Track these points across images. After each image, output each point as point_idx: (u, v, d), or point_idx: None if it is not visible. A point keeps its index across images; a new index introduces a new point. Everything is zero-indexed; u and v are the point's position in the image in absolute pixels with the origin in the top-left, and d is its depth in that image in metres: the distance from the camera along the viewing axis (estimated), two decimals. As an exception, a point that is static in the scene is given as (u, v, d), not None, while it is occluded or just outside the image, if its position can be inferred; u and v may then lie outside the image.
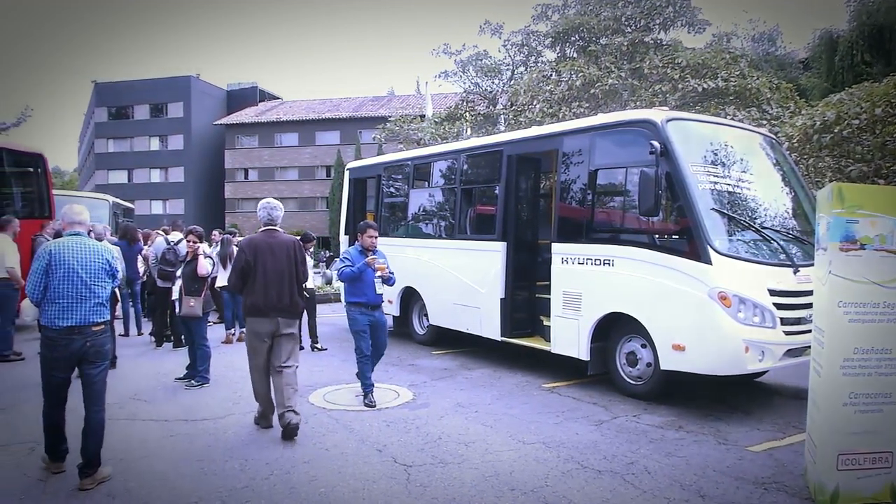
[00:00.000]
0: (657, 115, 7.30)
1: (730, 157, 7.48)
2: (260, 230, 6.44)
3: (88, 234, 5.32)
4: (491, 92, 25.83)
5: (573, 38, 22.93)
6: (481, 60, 25.48)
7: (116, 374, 8.52)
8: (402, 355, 9.97)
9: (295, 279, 6.22)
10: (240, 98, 58.43)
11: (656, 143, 6.79)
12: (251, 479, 4.98)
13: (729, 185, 7.21)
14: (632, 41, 20.57)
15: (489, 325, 9.17)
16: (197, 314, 8.07)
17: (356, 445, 5.75)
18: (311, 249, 11.40)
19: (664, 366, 6.87)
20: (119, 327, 10.80)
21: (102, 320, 5.01)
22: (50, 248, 4.93)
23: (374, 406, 6.99)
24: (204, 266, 8.16)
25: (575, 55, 22.72)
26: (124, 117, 56.60)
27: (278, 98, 60.73)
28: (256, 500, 4.58)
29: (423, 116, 27.12)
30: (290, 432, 5.90)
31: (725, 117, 14.36)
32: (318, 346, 10.54)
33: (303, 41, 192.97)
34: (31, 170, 13.26)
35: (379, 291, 7.22)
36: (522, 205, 9.32)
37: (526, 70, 25.01)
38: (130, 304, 12.07)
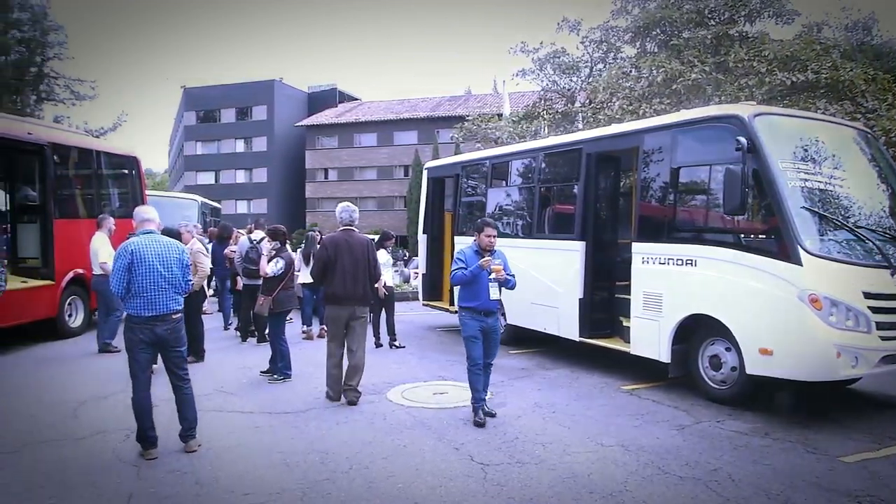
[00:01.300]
0: (744, 109, 7.07)
1: (821, 153, 7.16)
2: (339, 229, 7.30)
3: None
4: (569, 90, 25.47)
5: (654, 33, 22.37)
6: (559, 58, 25.13)
7: (204, 367, 8.88)
8: (478, 354, 9.97)
9: (368, 273, 7.21)
10: (320, 100, 59.69)
11: (743, 139, 6.57)
12: (331, 472, 5.09)
13: (821, 182, 6.90)
14: (716, 34, 19.90)
15: (567, 325, 9.08)
16: (262, 313, 8.38)
17: (433, 443, 5.79)
18: (391, 248, 11.58)
19: (750, 370, 6.63)
20: (208, 321, 11.20)
21: (179, 308, 5.57)
22: (131, 248, 5.39)
23: (483, 425, 6.27)
24: (262, 267, 8.43)
25: (656, 50, 22.18)
26: (211, 121, 58.90)
27: (357, 99, 61.74)
28: (336, 494, 4.68)
29: (500, 115, 27.02)
30: (350, 404, 7.09)
31: (816, 111, 13.74)
32: (396, 342, 10.70)
33: (380, 42, 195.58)
34: (127, 171, 13.96)
35: (494, 297, 6.52)
36: (602, 203, 9.18)
37: (605, 67, 24.56)
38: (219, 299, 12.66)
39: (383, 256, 11.14)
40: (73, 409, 6.89)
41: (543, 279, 9.45)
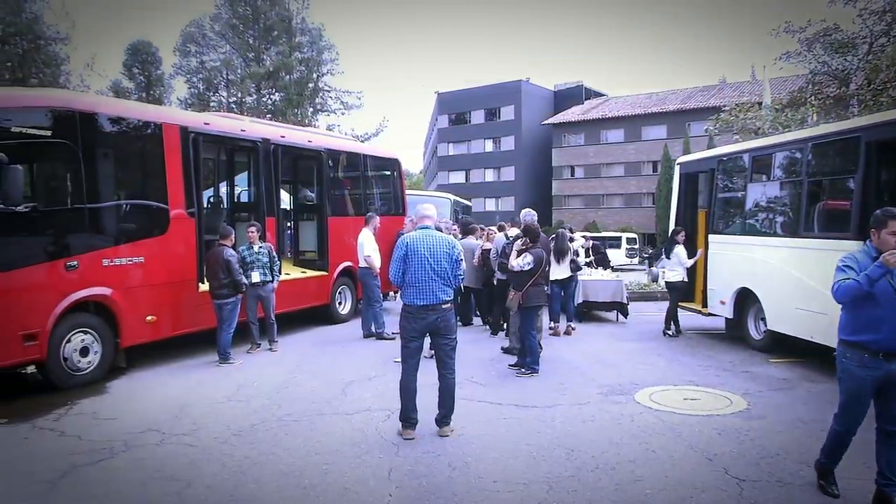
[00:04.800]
0: None
1: None
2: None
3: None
4: (843, 70, 22.78)
5: (955, -4, 19.24)
6: (830, 35, 22.53)
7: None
8: (734, 360, 9.37)
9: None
10: (566, 97, 59.89)
11: None
12: (577, 469, 5.10)
13: None
14: None
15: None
16: (511, 307, 8.63)
17: (684, 451, 5.55)
18: (683, 241, 11.59)
19: None
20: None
21: (449, 298, 5.93)
22: (406, 241, 5.92)
23: None
24: (510, 261, 8.61)
25: (957, 17, 19.04)
26: (462, 123, 61.90)
27: (603, 95, 60.92)
28: (582, 492, 4.68)
29: (759, 104, 25.02)
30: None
31: None
32: (670, 332, 11.49)
33: (628, 37, 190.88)
34: (388, 172, 15.13)
35: None
36: (885, 198, 8.10)
37: (889, 41, 21.60)
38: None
39: (681, 251, 11.36)
40: (342, 387, 7.67)
41: (810, 282, 8.59)
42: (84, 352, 7.85)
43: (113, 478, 4.99)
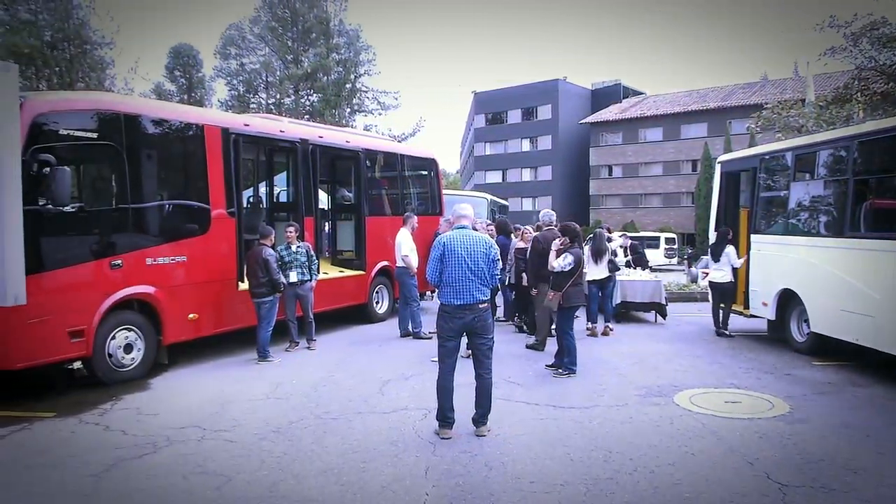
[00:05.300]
0: None
1: None
2: (546, 228, 9.57)
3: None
4: (891, 66, 22.17)
5: None
6: (878, 29, 21.89)
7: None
8: (777, 363, 9.19)
9: None
10: (604, 96, 59.35)
11: None
12: (615, 471, 5.05)
13: None
14: None
15: (886, 337, 7.94)
16: (549, 307, 8.63)
17: (724, 454, 5.46)
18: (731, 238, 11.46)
19: None
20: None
21: (486, 298, 5.93)
22: (443, 240, 5.94)
23: None
24: (550, 261, 8.55)
25: None
26: (499, 122, 61.79)
27: (642, 93, 60.21)
28: (620, 494, 4.63)
29: (803, 101, 24.48)
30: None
31: None
32: (727, 331, 11.34)
33: (666, 34, 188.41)
34: (425, 172, 15.16)
35: None
36: (936, 197, 7.87)
37: (941, 35, 20.91)
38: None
39: (733, 251, 11.16)
40: (379, 386, 7.71)
41: (857, 283, 8.38)
42: (128, 349, 8.04)
43: (155, 472, 5.10)
